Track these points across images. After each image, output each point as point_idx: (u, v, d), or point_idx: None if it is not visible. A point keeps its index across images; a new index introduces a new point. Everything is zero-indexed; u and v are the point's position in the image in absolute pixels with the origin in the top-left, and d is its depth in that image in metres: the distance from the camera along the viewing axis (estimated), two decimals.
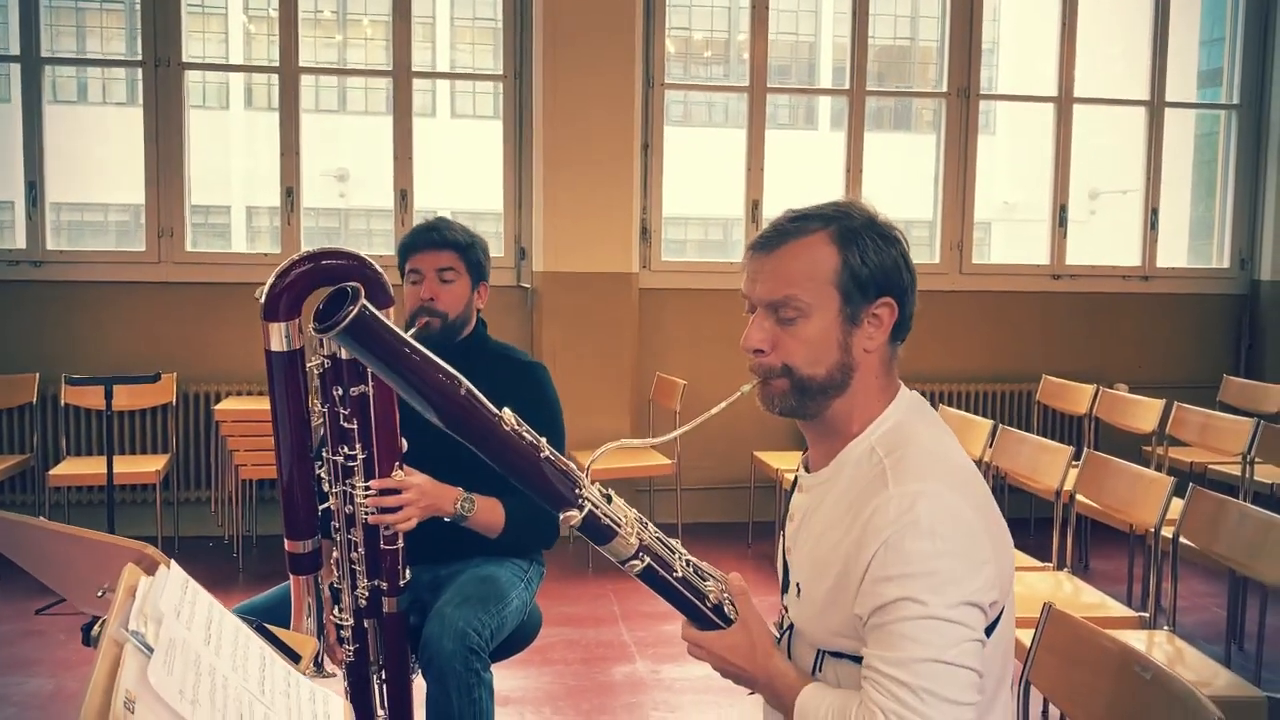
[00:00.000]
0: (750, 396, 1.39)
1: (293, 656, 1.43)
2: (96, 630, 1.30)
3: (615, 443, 1.33)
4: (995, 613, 1.30)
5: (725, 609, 1.40)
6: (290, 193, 5.02)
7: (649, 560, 1.32)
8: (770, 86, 5.40)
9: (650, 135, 5.22)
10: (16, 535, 1.59)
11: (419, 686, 2.11)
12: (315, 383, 1.88)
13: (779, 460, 4.71)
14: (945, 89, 5.52)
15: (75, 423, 4.81)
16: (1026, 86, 13.19)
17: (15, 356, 4.79)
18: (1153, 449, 4.65)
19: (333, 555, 2.01)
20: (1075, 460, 3.36)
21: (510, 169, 5.19)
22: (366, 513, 1.96)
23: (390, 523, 1.98)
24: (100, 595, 1.37)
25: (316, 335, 1.19)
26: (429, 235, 2.35)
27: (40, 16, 4.91)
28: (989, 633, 1.29)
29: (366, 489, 1.94)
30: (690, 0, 14.26)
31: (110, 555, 1.39)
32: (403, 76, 5.10)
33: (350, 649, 2.01)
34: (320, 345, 1.86)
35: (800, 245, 1.35)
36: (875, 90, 7.45)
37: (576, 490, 1.26)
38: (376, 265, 1.87)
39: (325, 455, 1.95)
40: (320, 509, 1.94)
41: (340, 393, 1.87)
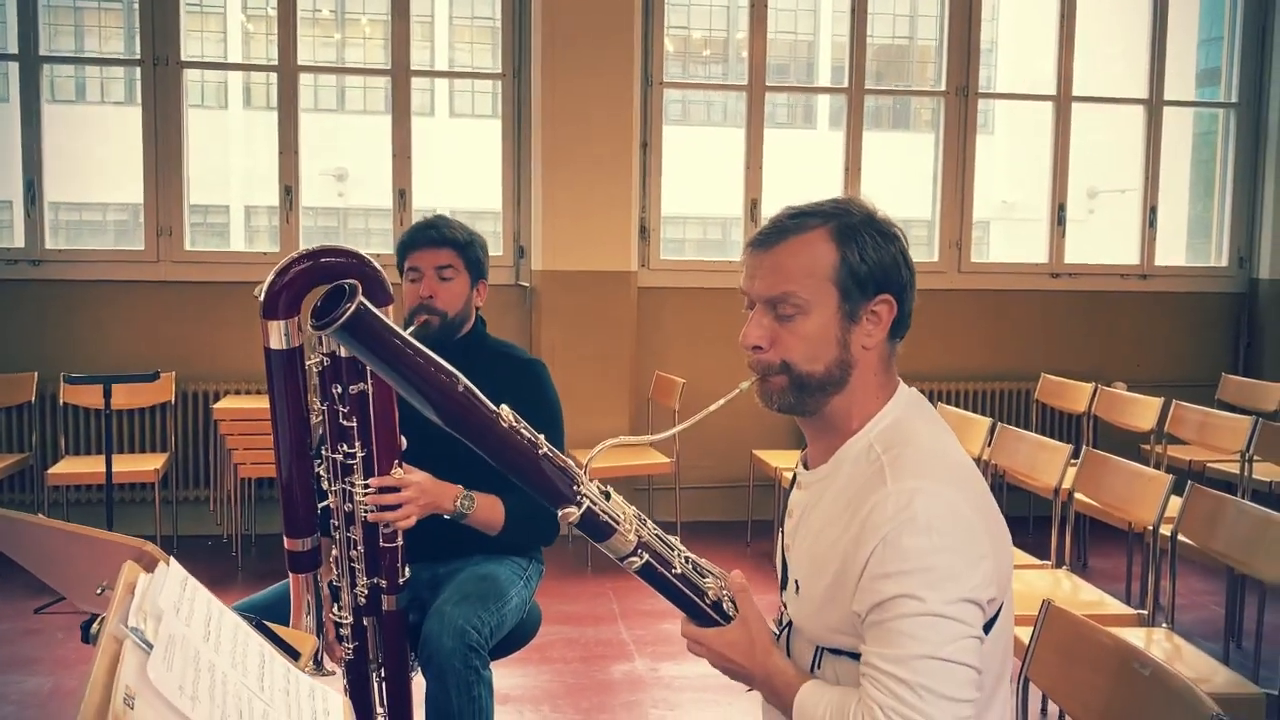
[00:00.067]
0: (749, 394, 1.39)
1: (292, 654, 1.43)
2: (96, 628, 1.30)
3: (613, 440, 1.33)
4: (993, 609, 1.30)
5: (724, 606, 1.40)
6: (289, 191, 5.02)
7: (648, 557, 1.32)
8: (769, 85, 5.40)
9: (649, 134, 5.22)
10: (15, 533, 1.58)
11: (418, 684, 2.11)
12: (314, 381, 1.88)
13: (778, 459, 4.71)
14: (944, 88, 5.52)
15: (74, 422, 4.81)
16: (1025, 85, 13.18)
17: (14, 355, 4.79)
18: (1151, 447, 4.65)
19: (332, 553, 2.01)
20: (1074, 458, 3.36)
21: (509, 168, 5.19)
22: (366, 510, 1.96)
23: (389, 520, 1.98)
24: (99, 593, 1.37)
25: (314, 332, 1.19)
26: (427, 233, 2.35)
27: (39, 15, 4.91)
28: (987, 629, 1.29)
29: (366, 487, 1.94)
30: None
31: (109, 552, 1.39)
32: (401, 75, 5.10)
33: (349, 647, 2.01)
34: (319, 343, 1.85)
35: (799, 242, 1.35)
36: (874, 89, 7.44)
37: (575, 487, 1.26)
38: (376, 263, 1.86)
39: (324, 453, 1.95)
40: (319, 507, 1.94)
41: (339, 391, 1.87)
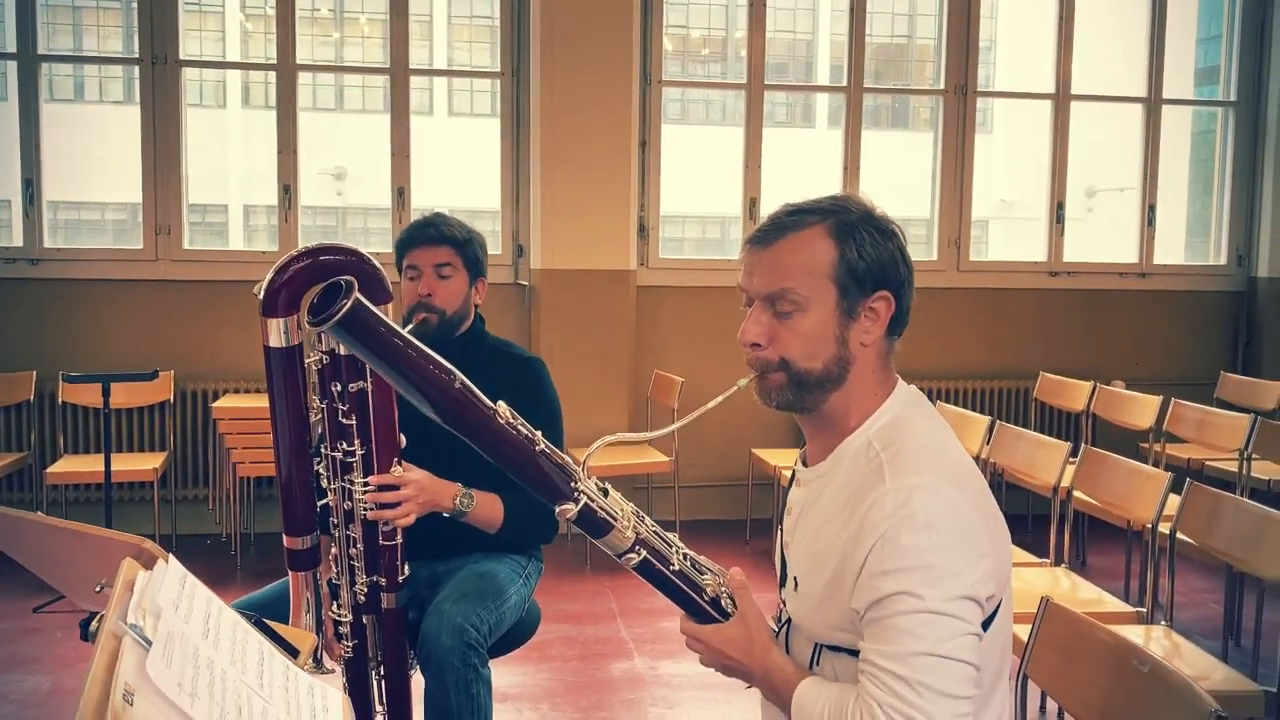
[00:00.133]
0: (747, 391, 1.39)
1: (291, 651, 1.43)
2: (95, 625, 1.30)
3: (611, 437, 1.33)
4: (992, 607, 1.30)
5: (723, 603, 1.40)
6: (288, 190, 5.02)
7: (645, 553, 1.32)
8: (768, 84, 5.40)
9: (648, 133, 5.22)
10: (14, 531, 1.58)
11: (417, 682, 2.11)
12: (314, 379, 1.88)
13: (777, 457, 4.71)
14: (942, 86, 5.52)
15: (73, 421, 4.81)
16: (1024, 84, 13.19)
17: (12, 354, 4.79)
18: (1150, 445, 4.66)
19: (331, 551, 2.01)
20: (1072, 457, 3.36)
21: (508, 167, 5.19)
22: (365, 508, 1.95)
23: (389, 518, 1.98)
24: (98, 590, 1.37)
25: (311, 328, 1.19)
26: (426, 231, 2.35)
27: (37, 14, 4.91)
28: (986, 626, 1.29)
29: (365, 485, 1.94)
30: None
31: (108, 550, 1.39)
32: (400, 74, 5.10)
33: (349, 645, 2.01)
34: (319, 341, 1.85)
35: (797, 239, 1.35)
36: (872, 88, 7.43)
37: (572, 483, 1.26)
38: (375, 261, 1.86)
39: (324, 451, 1.94)
40: (319, 505, 1.93)
41: (339, 389, 1.87)
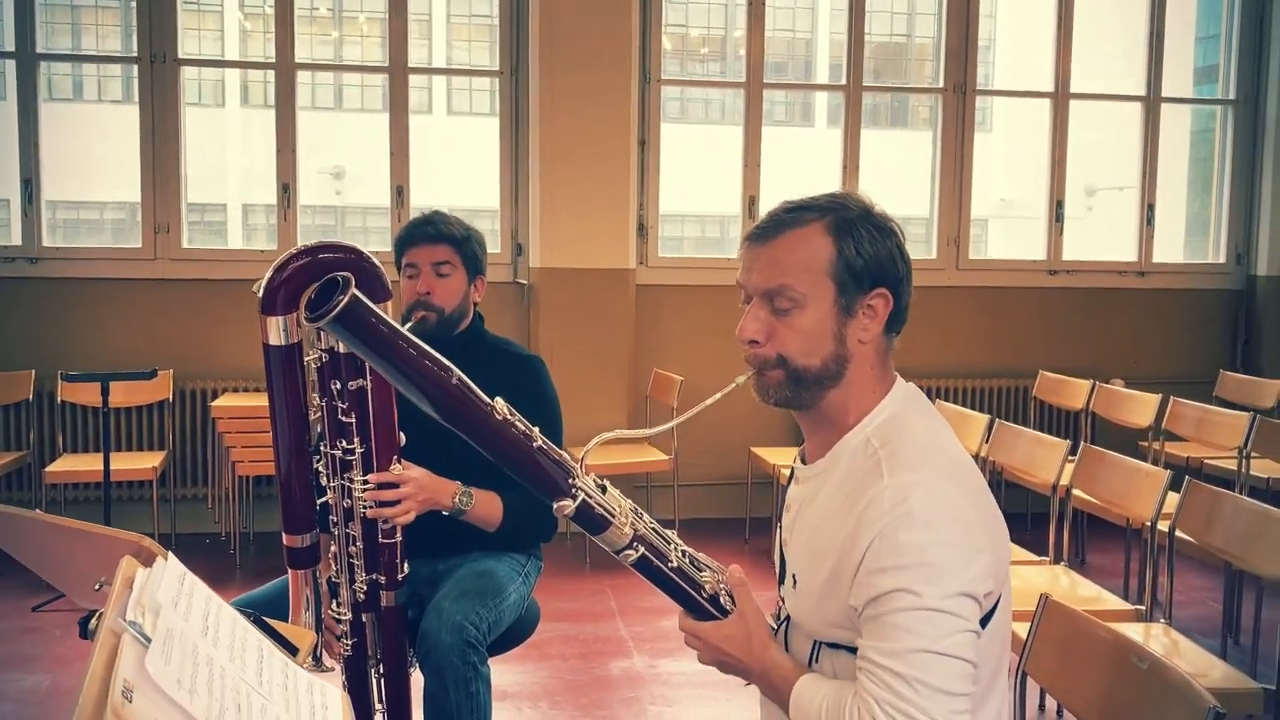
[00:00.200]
0: (746, 390, 1.39)
1: (290, 649, 1.43)
2: (94, 623, 1.30)
3: (610, 433, 1.33)
4: (990, 603, 1.30)
5: (721, 599, 1.40)
6: (286, 189, 5.02)
7: (643, 550, 1.32)
8: (767, 83, 5.40)
9: (647, 131, 5.22)
10: (13, 529, 1.58)
11: (417, 681, 2.11)
12: (313, 377, 1.88)
13: (776, 456, 4.71)
14: (941, 85, 5.52)
15: (72, 419, 4.81)
16: (1023, 82, 13.20)
17: (11, 353, 4.79)
18: (1149, 444, 4.66)
19: (331, 549, 2.01)
20: (1072, 455, 3.36)
21: (507, 165, 5.19)
22: (365, 507, 1.95)
23: (388, 516, 1.98)
24: (97, 588, 1.37)
25: (308, 324, 1.19)
26: (424, 229, 2.35)
27: (36, 13, 4.90)
28: (985, 623, 1.29)
29: (364, 483, 1.94)
30: None
31: (107, 548, 1.39)
32: (399, 73, 5.10)
33: (348, 643, 2.01)
34: (318, 339, 1.85)
35: (796, 236, 1.35)
36: (872, 86, 7.43)
37: (570, 479, 1.26)
38: (374, 259, 1.86)
39: (323, 449, 1.94)
40: (318, 503, 1.94)
41: (338, 387, 1.87)
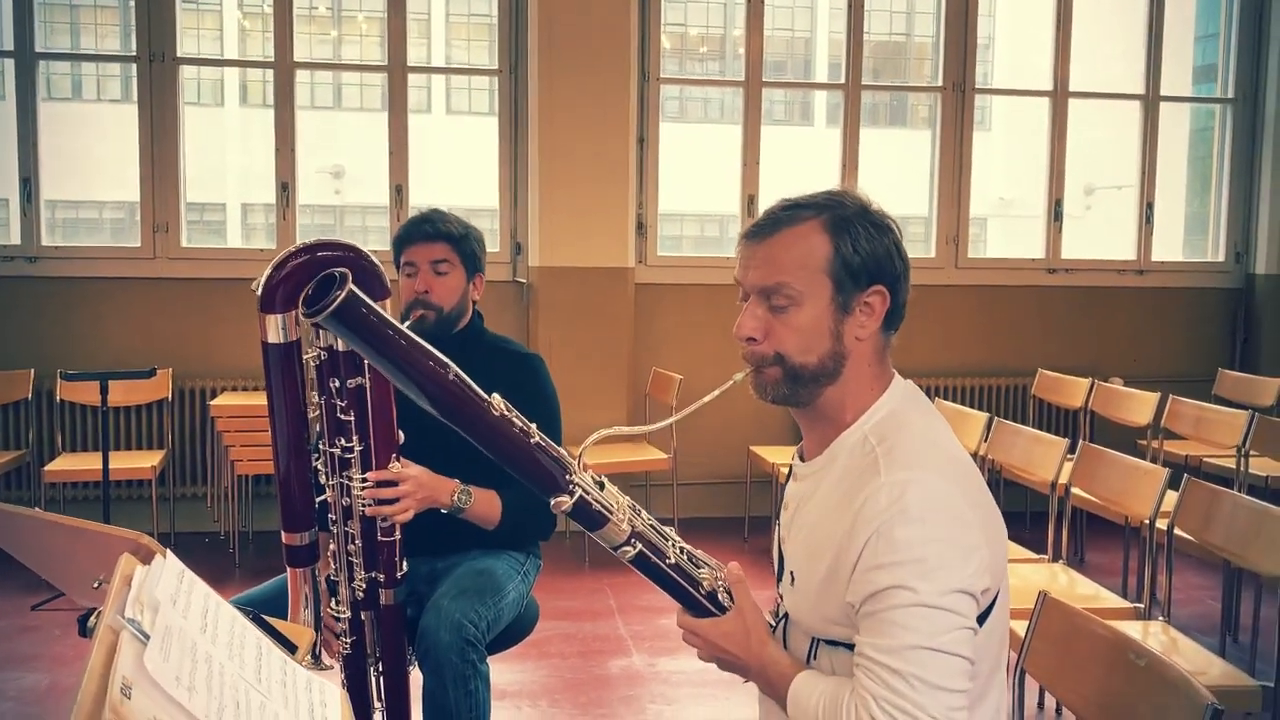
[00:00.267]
0: (745, 389, 1.40)
1: (289, 647, 1.43)
2: (92, 621, 1.30)
3: (607, 430, 1.33)
4: (987, 600, 1.30)
5: (719, 596, 1.40)
6: (285, 188, 5.02)
7: (641, 546, 1.33)
8: (766, 81, 5.40)
9: (646, 130, 5.22)
10: (12, 527, 1.59)
11: (416, 679, 2.11)
12: (312, 375, 1.88)
13: (775, 455, 4.72)
14: (940, 84, 5.52)
15: (71, 418, 4.81)
16: (1022, 81, 13.19)
17: (10, 352, 4.79)
18: (1148, 442, 4.66)
19: (329, 548, 2.01)
20: (1070, 453, 3.36)
21: (506, 164, 5.19)
22: (363, 505, 1.95)
23: (387, 514, 1.98)
24: (96, 586, 1.37)
25: (306, 319, 1.20)
26: (422, 227, 2.34)
27: (34, 12, 4.90)
28: (982, 620, 1.29)
29: (363, 481, 1.94)
30: None
31: (106, 546, 1.39)
32: (398, 72, 5.10)
33: (347, 641, 2.01)
34: (317, 337, 1.85)
35: (793, 233, 1.35)
36: (871, 85, 7.42)
37: (567, 476, 1.27)
38: (373, 257, 1.86)
39: (322, 447, 1.94)
40: (317, 501, 1.94)
41: (337, 385, 1.87)
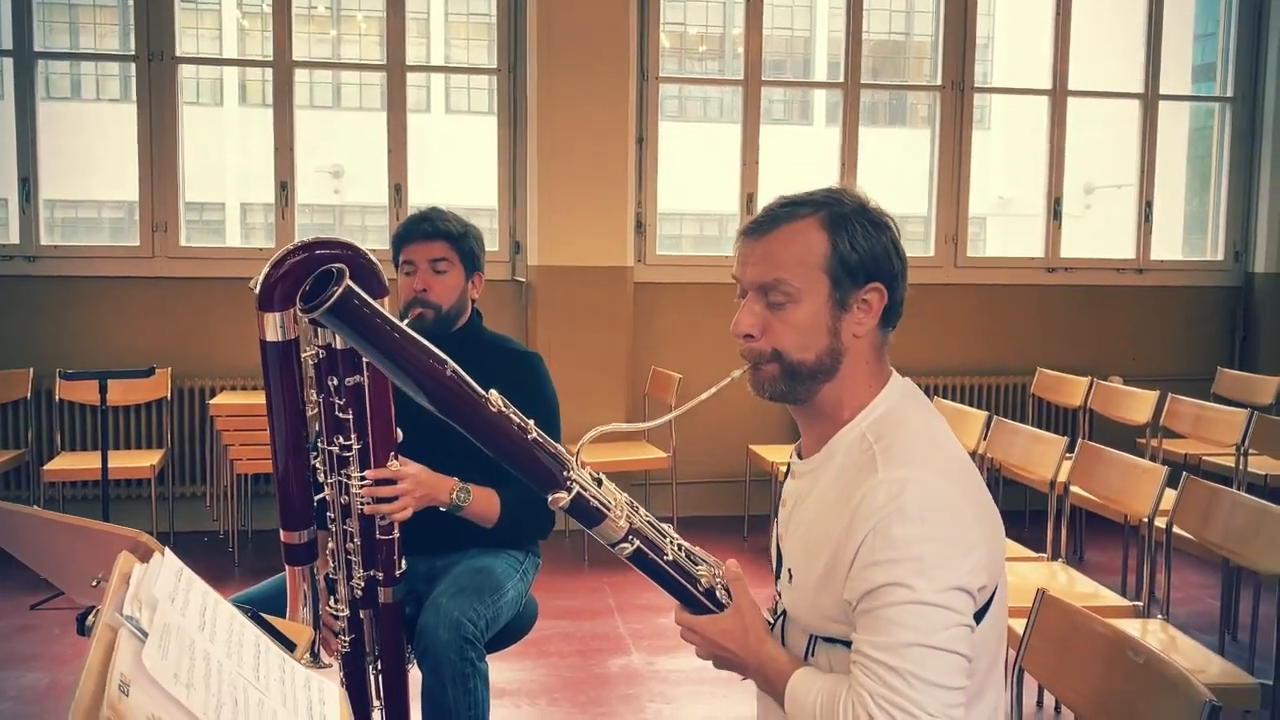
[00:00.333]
0: (744, 387, 1.40)
1: (288, 645, 1.43)
2: (91, 619, 1.30)
3: (606, 426, 1.33)
4: (985, 598, 1.30)
5: (717, 593, 1.40)
6: (284, 187, 5.02)
7: (639, 543, 1.33)
8: (765, 80, 5.40)
9: (645, 129, 5.22)
10: (11, 525, 1.59)
11: (415, 677, 2.12)
12: (310, 373, 1.88)
13: (774, 453, 4.71)
14: (940, 83, 5.52)
15: (70, 418, 4.81)
16: (1021, 80, 13.19)
17: (9, 351, 4.78)
18: (1147, 441, 4.66)
19: (328, 546, 2.01)
20: (1069, 452, 3.36)
21: (505, 163, 5.19)
22: (362, 503, 1.96)
23: (386, 513, 1.98)
24: (95, 584, 1.38)
25: (303, 314, 1.20)
26: (421, 226, 2.34)
27: (33, 12, 4.90)
28: (980, 618, 1.30)
29: (362, 479, 1.94)
30: None
31: (105, 544, 1.39)
32: (397, 71, 5.10)
33: (346, 640, 2.01)
34: (315, 335, 1.85)
35: (790, 230, 1.35)
36: (870, 84, 7.41)
37: (565, 472, 1.27)
38: (371, 255, 1.86)
39: (320, 446, 1.94)
40: (315, 499, 1.94)
41: (335, 383, 1.87)
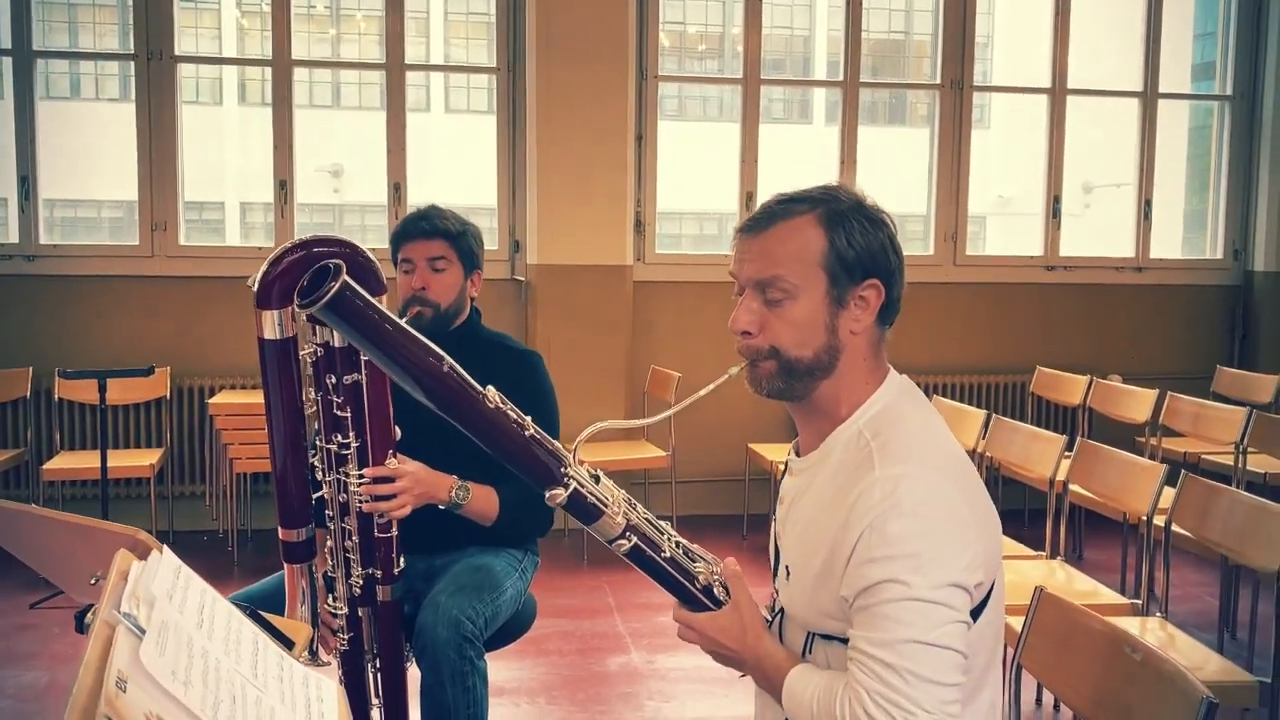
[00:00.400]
0: (743, 386, 1.40)
1: (286, 643, 1.43)
2: (89, 617, 1.30)
3: (603, 423, 1.33)
4: (981, 594, 1.31)
5: (715, 590, 1.40)
6: (284, 186, 5.01)
7: (636, 540, 1.33)
8: (764, 79, 5.39)
9: (644, 128, 5.22)
10: (10, 523, 1.59)
11: (413, 675, 2.12)
12: (308, 371, 1.88)
13: (773, 452, 4.71)
14: (939, 81, 5.52)
15: (69, 417, 4.81)
16: (1020, 78, 13.17)
17: (8, 351, 4.78)
18: (1146, 439, 4.66)
19: (327, 544, 2.01)
20: (1068, 450, 3.36)
21: (504, 162, 5.19)
22: (360, 501, 1.96)
23: (384, 511, 1.98)
24: (93, 582, 1.38)
25: (300, 310, 1.20)
26: (419, 224, 2.35)
27: (32, 11, 4.90)
28: (977, 615, 1.30)
29: (360, 477, 1.94)
30: None
31: (103, 542, 1.39)
32: (396, 70, 5.10)
33: (345, 638, 2.02)
34: (313, 333, 1.86)
35: (788, 227, 1.36)
36: (869, 82, 7.40)
37: (562, 469, 1.27)
38: (369, 252, 1.87)
39: (319, 444, 1.95)
40: (314, 497, 1.94)
41: (333, 381, 1.87)
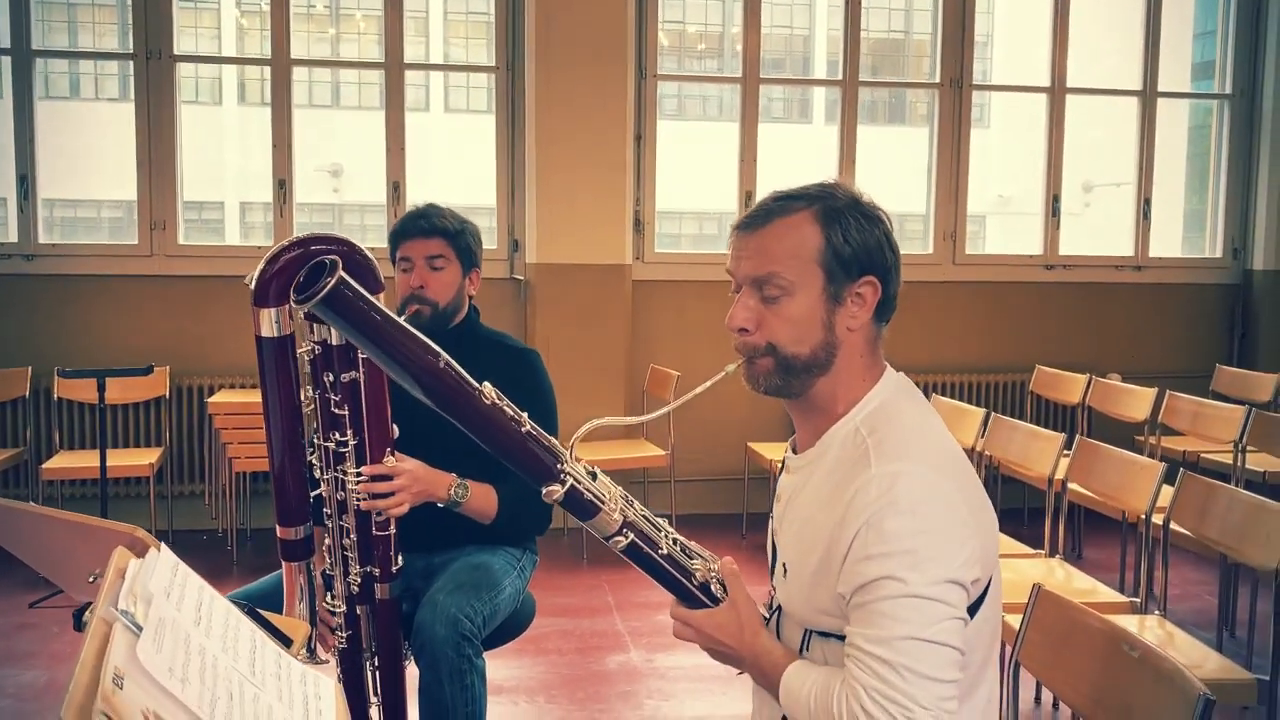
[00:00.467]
0: (741, 384, 1.40)
1: (284, 641, 1.43)
2: (88, 615, 1.30)
3: (601, 419, 1.34)
4: (978, 591, 1.31)
5: (712, 588, 1.40)
6: (283, 185, 5.01)
7: (633, 536, 1.33)
8: (764, 78, 5.39)
9: (644, 127, 5.22)
10: (9, 521, 1.59)
11: (412, 674, 2.12)
12: (306, 369, 1.88)
13: (772, 451, 4.71)
14: (938, 80, 5.52)
15: (68, 416, 4.81)
16: (1020, 78, 13.18)
17: (7, 350, 4.78)
18: (1145, 438, 4.66)
19: (325, 542, 2.01)
20: (1067, 449, 3.37)
21: (503, 162, 5.19)
22: (358, 499, 1.96)
23: (382, 508, 1.98)
24: (91, 580, 1.38)
25: (297, 306, 1.20)
26: (418, 223, 2.35)
27: (31, 10, 4.90)
28: (974, 611, 1.30)
29: (358, 475, 1.94)
30: None
31: (102, 540, 1.39)
32: (395, 70, 5.10)
33: (343, 636, 2.02)
34: (311, 331, 1.86)
35: (784, 224, 1.36)
36: (868, 81, 7.39)
37: (559, 465, 1.27)
38: (366, 251, 1.87)
39: (317, 441, 1.95)
40: (312, 495, 1.94)
41: (331, 379, 1.87)
